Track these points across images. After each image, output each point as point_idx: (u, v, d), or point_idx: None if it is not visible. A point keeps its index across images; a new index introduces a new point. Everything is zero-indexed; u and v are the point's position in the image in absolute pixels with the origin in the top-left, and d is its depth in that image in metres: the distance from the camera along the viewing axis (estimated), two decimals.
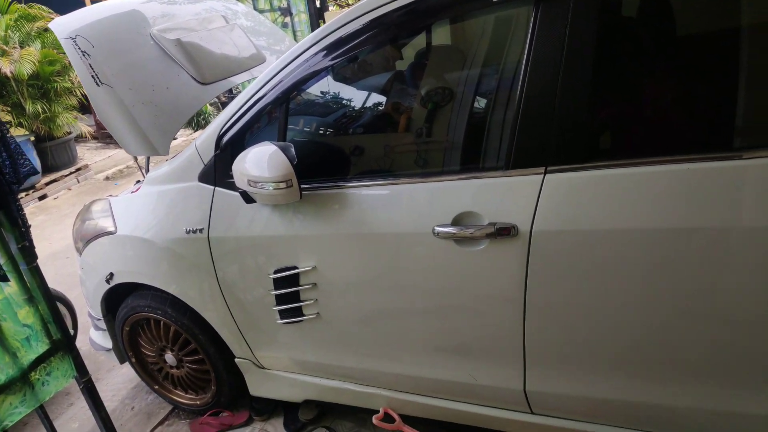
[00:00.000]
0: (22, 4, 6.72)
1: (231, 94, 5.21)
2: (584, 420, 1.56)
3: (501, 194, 1.40)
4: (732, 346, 1.28)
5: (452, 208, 1.45)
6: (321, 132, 2.12)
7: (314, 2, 6.21)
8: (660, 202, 1.24)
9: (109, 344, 2.46)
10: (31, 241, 1.72)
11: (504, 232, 1.37)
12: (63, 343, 1.85)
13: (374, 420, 1.86)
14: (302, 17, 6.18)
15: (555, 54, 1.29)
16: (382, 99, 2.21)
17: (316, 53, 1.62)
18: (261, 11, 6.20)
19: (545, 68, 1.31)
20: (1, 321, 1.66)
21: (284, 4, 6.21)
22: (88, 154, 7.81)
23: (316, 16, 6.18)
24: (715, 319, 1.27)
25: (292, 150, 1.56)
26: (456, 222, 1.44)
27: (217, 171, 1.83)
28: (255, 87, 1.74)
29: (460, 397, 1.73)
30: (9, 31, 6.50)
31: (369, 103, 2.25)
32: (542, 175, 1.33)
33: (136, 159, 2.35)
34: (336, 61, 1.62)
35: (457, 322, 1.59)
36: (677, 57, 1.41)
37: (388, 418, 1.87)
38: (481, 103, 1.68)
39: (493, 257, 1.42)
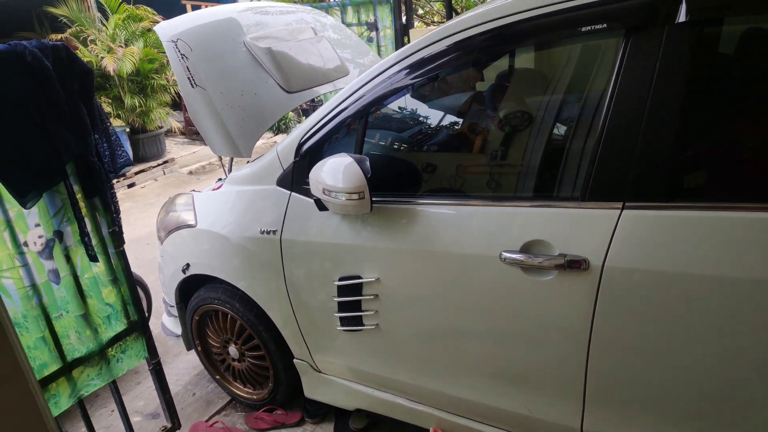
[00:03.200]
0: (131, 5, 7.27)
1: (313, 103, 5.38)
2: None
3: (574, 226, 1.36)
4: None
5: (522, 234, 1.43)
6: (396, 147, 2.15)
7: (400, 19, 6.30)
8: (744, 250, 1.16)
9: (178, 330, 2.59)
10: (120, 226, 1.85)
11: (575, 264, 1.33)
12: (139, 324, 1.97)
13: None
14: (387, 33, 6.29)
15: (643, 87, 1.25)
16: (460, 119, 2.22)
17: (399, 71, 1.66)
18: (348, 25, 6.37)
19: (631, 100, 1.27)
20: (88, 297, 1.80)
21: (371, 19, 6.35)
22: (175, 148, 8.29)
23: (401, 33, 6.27)
24: None
25: (367, 163, 1.60)
26: (525, 249, 1.42)
27: (295, 177, 1.89)
28: (338, 100, 1.80)
29: (513, 428, 1.69)
30: (117, 29, 7.03)
31: (445, 122, 2.26)
32: (620, 210, 1.29)
33: (220, 158, 2.47)
34: (418, 80, 1.65)
35: (517, 351, 1.55)
36: None
37: None
38: (560, 130, 1.65)
39: (560, 289, 1.39)
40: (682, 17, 1.18)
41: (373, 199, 1.60)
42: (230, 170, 2.44)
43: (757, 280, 1.16)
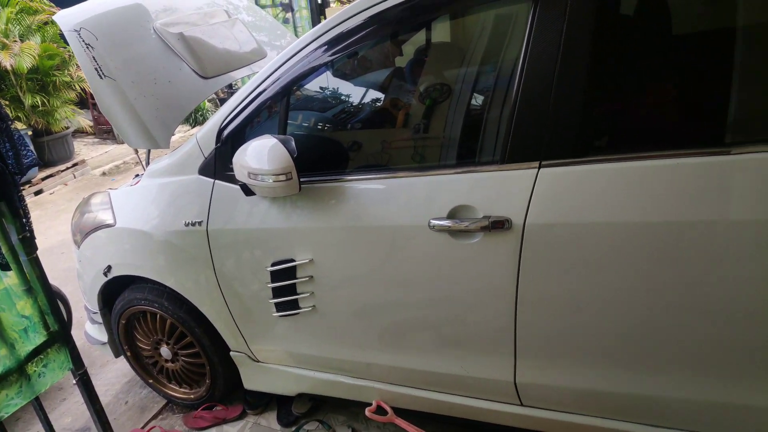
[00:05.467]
0: None
1: (230, 90, 5.22)
2: (573, 411, 1.58)
3: (496, 188, 1.42)
4: (718, 338, 1.31)
5: (448, 201, 1.47)
6: (320, 126, 2.14)
7: None
8: (651, 196, 1.26)
9: (104, 338, 2.47)
10: (32, 231, 1.72)
11: (498, 225, 1.39)
12: (60, 334, 1.86)
13: (367, 412, 1.87)
14: (303, 13, 6.21)
15: (552, 50, 1.32)
16: (381, 95, 2.24)
17: (316, 49, 1.65)
18: (263, 6, 6.22)
19: (542, 64, 1.33)
20: (0, 312, 1.67)
21: (286, 0, 6.25)
22: (84, 149, 7.81)
23: (317, 13, 6.21)
24: (702, 312, 1.30)
25: (293, 143, 1.58)
26: (452, 215, 1.47)
27: (218, 164, 1.85)
28: (256, 81, 1.76)
29: (452, 390, 1.75)
30: (10, 24, 6.49)
31: (368, 99, 2.28)
32: (536, 169, 1.36)
33: (137, 152, 2.37)
34: (336, 56, 1.65)
35: (450, 315, 1.61)
36: (671, 55, 1.44)
37: (380, 410, 1.88)
38: (478, 99, 1.70)
39: (487, 250, 1.45)
40: None
41: (301, 179, 1.59)
42: (148, 163, 2.34)
43: (665, 223, 1.26)
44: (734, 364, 1.32)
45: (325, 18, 6.14)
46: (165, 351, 2.34)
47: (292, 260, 1.76)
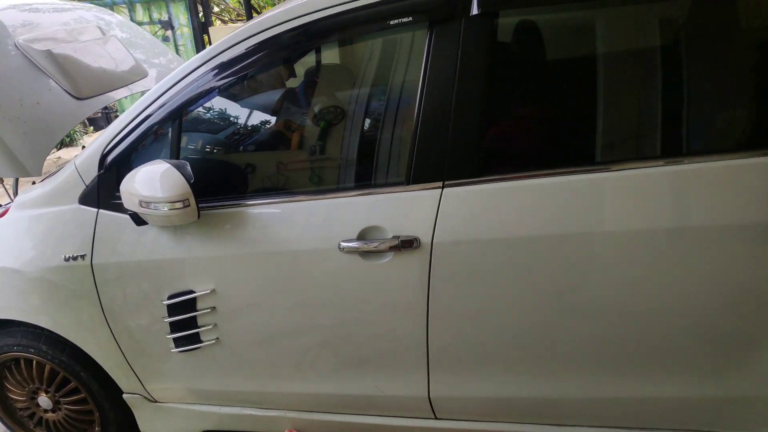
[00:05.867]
0: None
1: (106, 110, 4.84)
2: (485, 419, 1.65)
3: (404, 208, 1.46)
4: (602, 338, 1.44)
5: (357, 223, 1.48)
6: (214, 150, 2.06)
7: (197, 16, 6.01)
8: (543, 211, 1.36)
9: None
10: None
11: (407, 244, 1.43)
12: None
13: None
14: (184, 31, 5.96)
15: (448, 75, 1.38)
16: (275, 117, 2.21)
17: (206, 72, 1.59)
18: (139, 23, 5.87)
19: (440, 89, 1.39)
20: None
21: (165, 17, 5.95)
22: None
23: (200, 31, 5.99)
24: (589, 315, 1.42)
25: (188, 168, 1.51)
26: (361, 236, 1.48)
27: (101, 192, 1.71)
28: (143, 104, 1.66)
29: (367, 411, 1.75)
30: None
31: (263, 121, 2.23)
32: (440, 189, 1.42)
33: (1, 181, 2.12)
34: (227, 80, 1.60)
35: (363, 336, 1.61)
36: (551, 80, 1.58)
37: None
38: (381, 121, 1.74)
39: (397, 269, 1.47)
40: (474, 10, 1.34)
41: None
42: (16, 193, 2.10)
43: (555, 235, 1.36)
44: (617, 360, 1.45)
45: (209, 37, 5.93)
46: (44, 400, 2.11)
47: (192, 291, 1.67)
